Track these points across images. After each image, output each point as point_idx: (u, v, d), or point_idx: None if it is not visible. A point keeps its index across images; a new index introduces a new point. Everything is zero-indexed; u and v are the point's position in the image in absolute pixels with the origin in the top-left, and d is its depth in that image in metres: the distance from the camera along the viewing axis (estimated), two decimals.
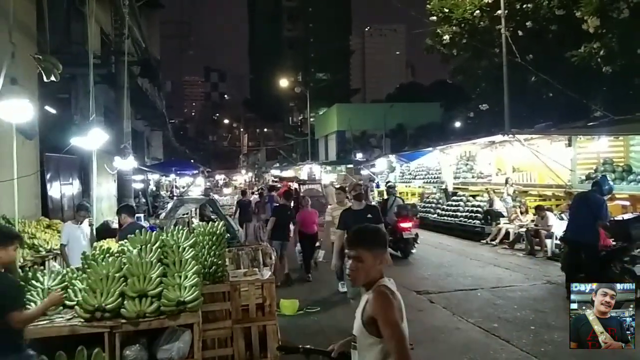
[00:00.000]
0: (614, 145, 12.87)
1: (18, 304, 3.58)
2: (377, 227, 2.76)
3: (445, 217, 17.06)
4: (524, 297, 8.32)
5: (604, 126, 12.58)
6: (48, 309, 3.94)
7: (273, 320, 5.43)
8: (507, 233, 13.62)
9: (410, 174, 22.57)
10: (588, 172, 12.47)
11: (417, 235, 12.84)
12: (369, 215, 6.50)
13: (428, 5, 19.21)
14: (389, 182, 20.40)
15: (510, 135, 13.51)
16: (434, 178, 19.79)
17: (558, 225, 11.65)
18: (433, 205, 18.65)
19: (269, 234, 10.14)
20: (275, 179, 30.93)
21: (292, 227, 10.33)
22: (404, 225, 12.18)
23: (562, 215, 12.22)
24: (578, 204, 8.30)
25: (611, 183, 8.63)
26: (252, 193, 22.08)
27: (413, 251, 12.45)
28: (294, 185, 21.85)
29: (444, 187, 18.52)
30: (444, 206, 17.72)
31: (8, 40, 5.81)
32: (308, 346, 2.83)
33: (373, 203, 14.12)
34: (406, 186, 22.72)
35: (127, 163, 9.50)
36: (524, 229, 12.71)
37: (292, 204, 11.36)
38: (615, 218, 8.45)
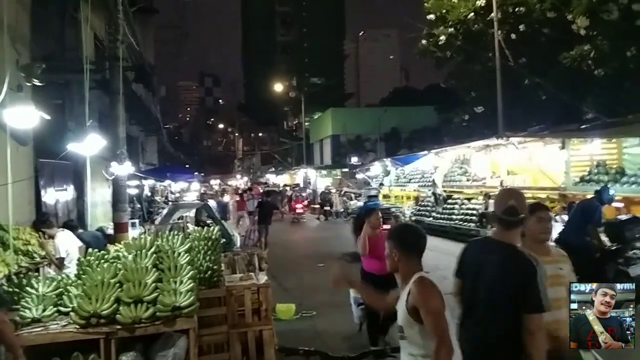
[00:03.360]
0: (607, 147, 12.94)
1: (1, 304, 3.56)
2: (416, 227, 3.00)
3: (440, 221, 17.09)
4: None
5: (597, 129, 12.67)
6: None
7: (269, 325, 5.43)
8: None
9: (405, 177, 22.61)
10: (582, 175, 12.54)
11: (304, 212, 26.73)
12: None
13: (426, 4, 19.29)
14: (297, 183, 40.79)
15: (504, 139, 13.58)
16: (429, 182, 19.84)
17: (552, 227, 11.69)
18: (428, 208, 18.69)
19: (257, 220, 15.26)
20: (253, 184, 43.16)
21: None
22: (297, 205, 26.48)
23: (557, 217, 12.26)
24: (575, 209, 8.44)
25: (613, 193, 8.71)
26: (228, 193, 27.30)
27: (303, 220, 25.42)
28: (261, 187, 35.50)
29: (432, 191, 18.56)
30: (439, 209, 17.76)
31: (9, 49, 5.81)
32: (307, 348, 2.90)
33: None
34: (401, 190, 22.76)
35: (124, 168, 9.47)
36: None
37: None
38: (610, 220, 8.52)
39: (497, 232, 3.06)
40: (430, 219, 17.88)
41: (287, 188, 37.11)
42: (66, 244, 6.81)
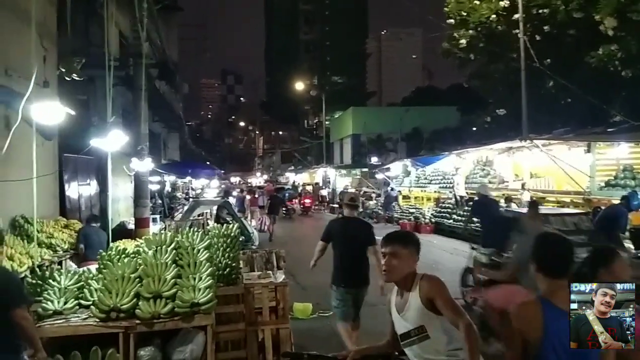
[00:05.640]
0: (635, 151, 12.65)
1: (22, 300, 3.60)
2: (410, 232, 3.20)
3: (461, 223, 16.90)
4: None
5: (624, 132, 12.39)
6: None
7: (286, 323, 5.43)
8: None
9: (425, 178, 22.43)
10: (607, 179, 12.28)
11: (311, 205, 28.80)
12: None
13: (445, 9, 19.12)
14: (294, 182, 45.15)
15: (528, 141, 13.37)
16: (450, 183, 19.64)
17: None
18: (449, 210, 18.50)
19: (267, 210, 19.09)
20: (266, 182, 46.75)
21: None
22: (306, 200, 28.54)
23: None
24: (600, 215, 8.28)
25: None
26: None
27: (311, 213, 28.00)
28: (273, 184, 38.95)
29: (452, 193, 18.38)
30: (460, 211, 17.57)
31: (37, 45, 5.90)
32: (314, 352, 2.87)
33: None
34: (422, 191, 22.59)
35: (144, 164, 9.59)
36: None
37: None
38: (636, 226, 8.34)
39: (348, 212, 6.03)
40: (451, 221, 17.69)
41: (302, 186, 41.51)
42: None
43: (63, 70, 6.68)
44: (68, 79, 6.63)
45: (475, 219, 10.44)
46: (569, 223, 7.53)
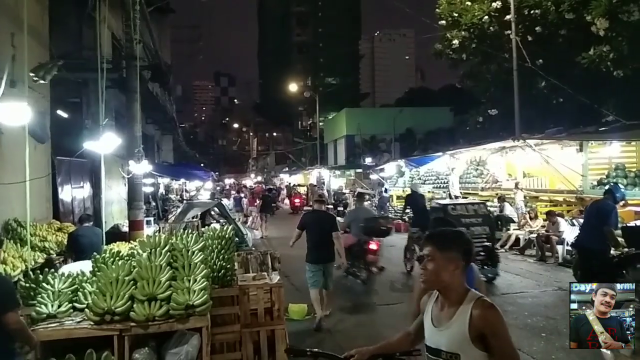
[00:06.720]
0: (626, 150, 12.74)
1: (15, 304, 3.59)
2: (459, 230, 2.60)
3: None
4: (534, 303, 8.25)
5: (616, 131, 12.46)
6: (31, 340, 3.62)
7: (281, 324, 5.43)
8: (517, 239, 13.51)
9: (419, 178, 22.47)
10: (600, 178, 12.34)
11: (301, 205, 28.69)
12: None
13: (437, 10, 19.19)
14: (290, 183, 44.54)
15: (521, 141, 13.43)
16: (444, 183, 19.68)
17: (569, 231, 11.55)
18: None
19: (259, 209, 19.94)
20: (255, 184, 49.02)
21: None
22: (295, 200, 30.40)
23: (574, 221, 12.11)
24: (589, 212, 8.21)
25: (623, 190, 8.52)
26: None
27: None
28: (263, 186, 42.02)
29: (447, 193, 18.42)
30: None
31: (6, 44, 5.83)
32: (316, 349, 2.83)
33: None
34: None
35: (141, 167, 9.55)
36: (534, 235, 12.60)
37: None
38: (628, 224, 8.36)
39: (317, 206, 7.79)
40: None
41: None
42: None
43: (32, 74, 6.62)
44: (35, 82, 6.57)
45: (408, 208, 12.87)
46: (471, 209, 10.43)
